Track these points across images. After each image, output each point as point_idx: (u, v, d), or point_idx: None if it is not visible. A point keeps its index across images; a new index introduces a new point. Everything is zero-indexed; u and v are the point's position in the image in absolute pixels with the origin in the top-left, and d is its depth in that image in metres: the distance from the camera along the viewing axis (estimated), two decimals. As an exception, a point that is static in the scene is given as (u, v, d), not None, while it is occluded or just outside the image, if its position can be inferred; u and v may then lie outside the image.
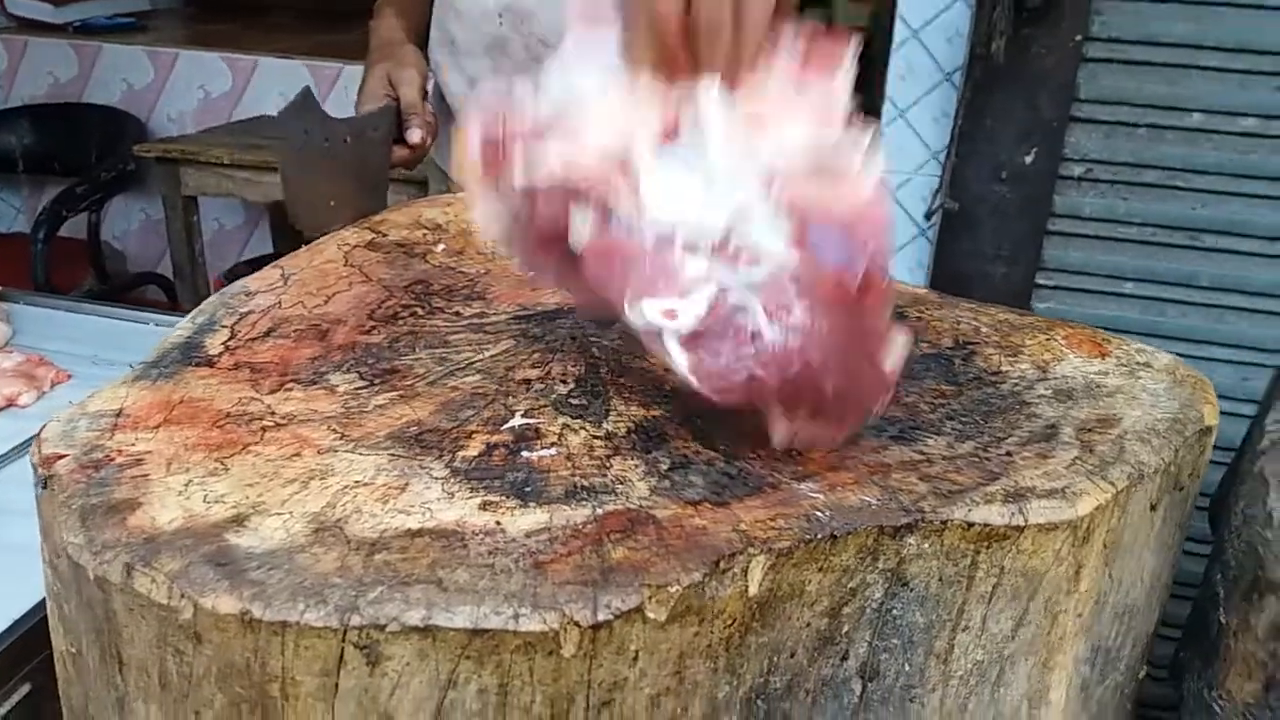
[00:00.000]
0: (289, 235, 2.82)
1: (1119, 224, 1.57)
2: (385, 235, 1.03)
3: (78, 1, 2.88)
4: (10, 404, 1.09)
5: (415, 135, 1.10)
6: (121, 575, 0.53)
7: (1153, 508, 0.71)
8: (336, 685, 0.52)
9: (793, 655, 0.61)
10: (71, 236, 2.63)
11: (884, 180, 0.57)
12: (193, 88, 2.77)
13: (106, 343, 1.24)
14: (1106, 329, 1.55)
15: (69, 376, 1.15)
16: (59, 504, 0.59)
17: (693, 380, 0.59)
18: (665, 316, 0.56)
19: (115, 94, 2.82)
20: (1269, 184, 1.50)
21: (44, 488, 0.62)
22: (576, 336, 0.82)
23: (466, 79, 1.31)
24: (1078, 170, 1.56)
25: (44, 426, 0.68)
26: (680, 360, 0.59)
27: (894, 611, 0.63)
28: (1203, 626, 0.82)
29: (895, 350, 0.59)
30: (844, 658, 0.63)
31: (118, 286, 2.69)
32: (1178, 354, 1.59)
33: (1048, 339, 0.85)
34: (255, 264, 2.68)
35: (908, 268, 1.73)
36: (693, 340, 0.56)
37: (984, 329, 0.87)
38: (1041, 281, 1.62)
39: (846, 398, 0.60)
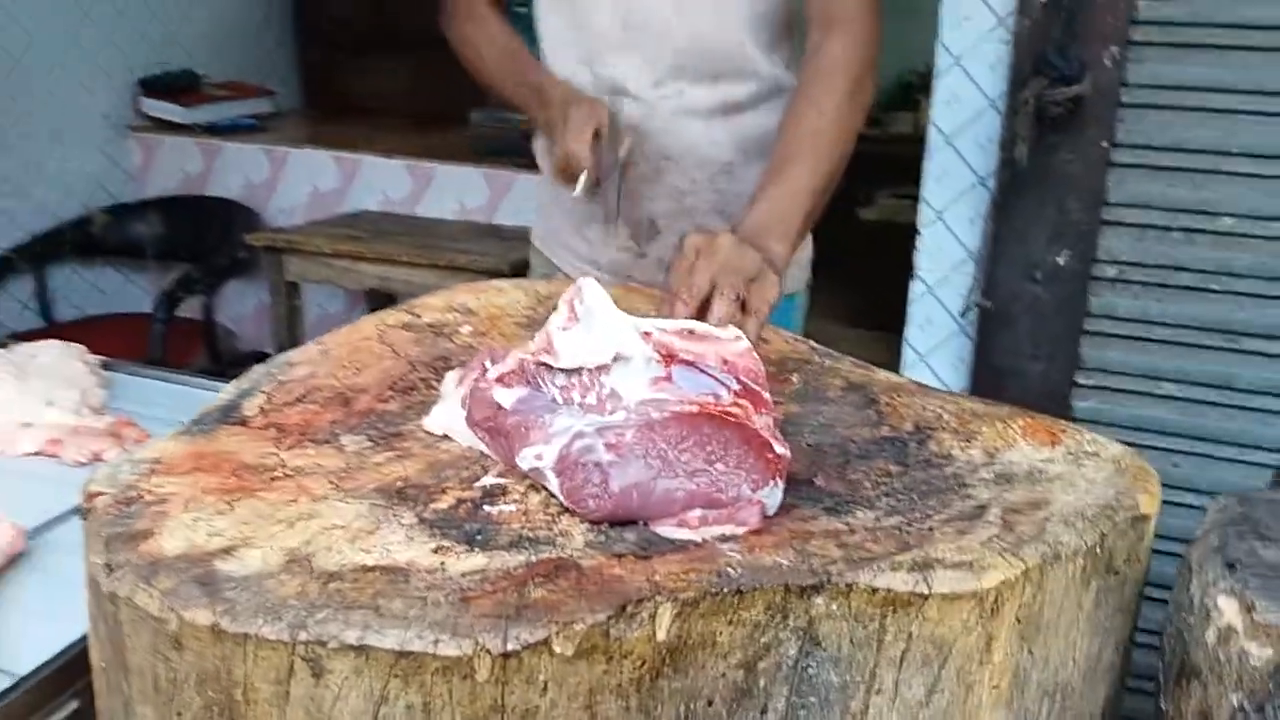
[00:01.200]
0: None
1: (1155, 325, 1.59)
2: (419, 317, 1.14)
3: (206, 104, 3.19)
4: (96, 458, 1.24)
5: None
6: (127, 590, 0.64)
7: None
8: (288, 693, 0.60)
9: (710, 704, 0.67)
10: (190, 318, 2.86)
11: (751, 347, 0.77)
12: (303, 183, 3.02)
13: (188, 408, 1.38)
14: (1147, 430, 1.57)
15: (149, 435, 1.29)
16: (92, 533, 0.71)
17: (567, 503, 0.73)
18: (535, 458, 0.75)
19: (235, 188, 3.09)
20: (1306, 288, 1.51)
21: (84, 519, 0.73)
22: (565, 411, 0.91)
23: None
24: (1111, 272, 1.59)
25: (97, 470, 0.80)
26: (555, 487, 0.74)
27: (809, 670, 0.69)
28: (1155, 714, 0.84)
29: (780, 440, 0.74)
30: (763, 711, 0.69)
31: (227, 364, 2.91)
32: (1223, 458, 1.59)
33: (1005, 426, 0.90)
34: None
35: (950, 363, 1.77)
36: (559, 473, 0.73)
37: (946, 415, 0.92)
38: (1081, 381, 1.65)
39: (726, 484, 0.73)
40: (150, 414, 1.43)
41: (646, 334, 0.76)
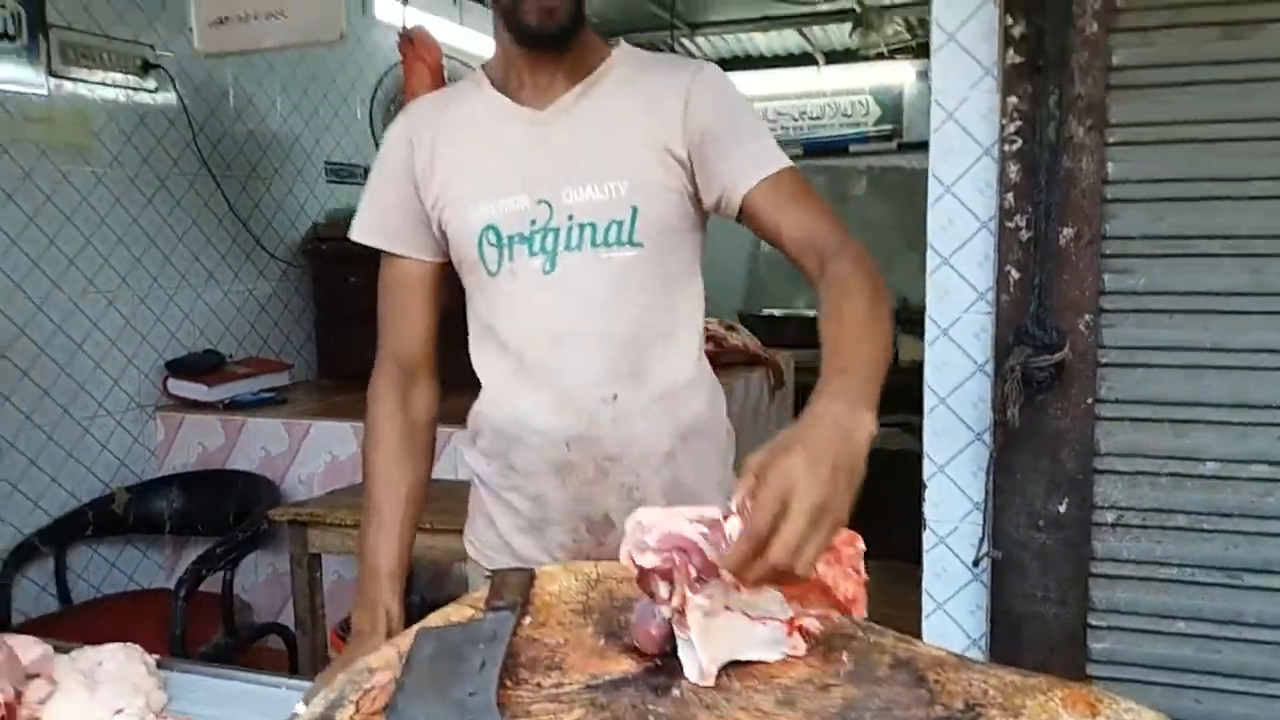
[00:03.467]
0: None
1: (1158, 565, 1.68)
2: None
3: (228, 382, 3.36)
4: (164, 765, 1.28)
5: None
6: None
7: None
8: None
9: None
10: (205, 591, 2.90)
11: None
12: (321, 453, 3.15)
13: (245, 705, 1.42)
14: (1164, 669, 1.63)
15: (213, 739, 1.33)
16: None
17: None
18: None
19: (255, 460, 3.21)
20: (1292, 523, 1.62)
21: None
22: (636, 705, 0.98)
23: (530, 498, 1.42)
24: (1110, 517, 1.70)
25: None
26: None
27: None
28: None
29: None
30: None
31: (244, 639, 2.92)
32: (1240, 692, 1.65)
33: (1046, 700, 0.97)
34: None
35: (967, 610, 1.84)
36: None
37: (991, 690, 1.00)
38: (1094, 623, 1.72)
39: None
40: (208, 714, 1.47)
41: None
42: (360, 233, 1.45)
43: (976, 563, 1.76)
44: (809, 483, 0.90)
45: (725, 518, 0.94)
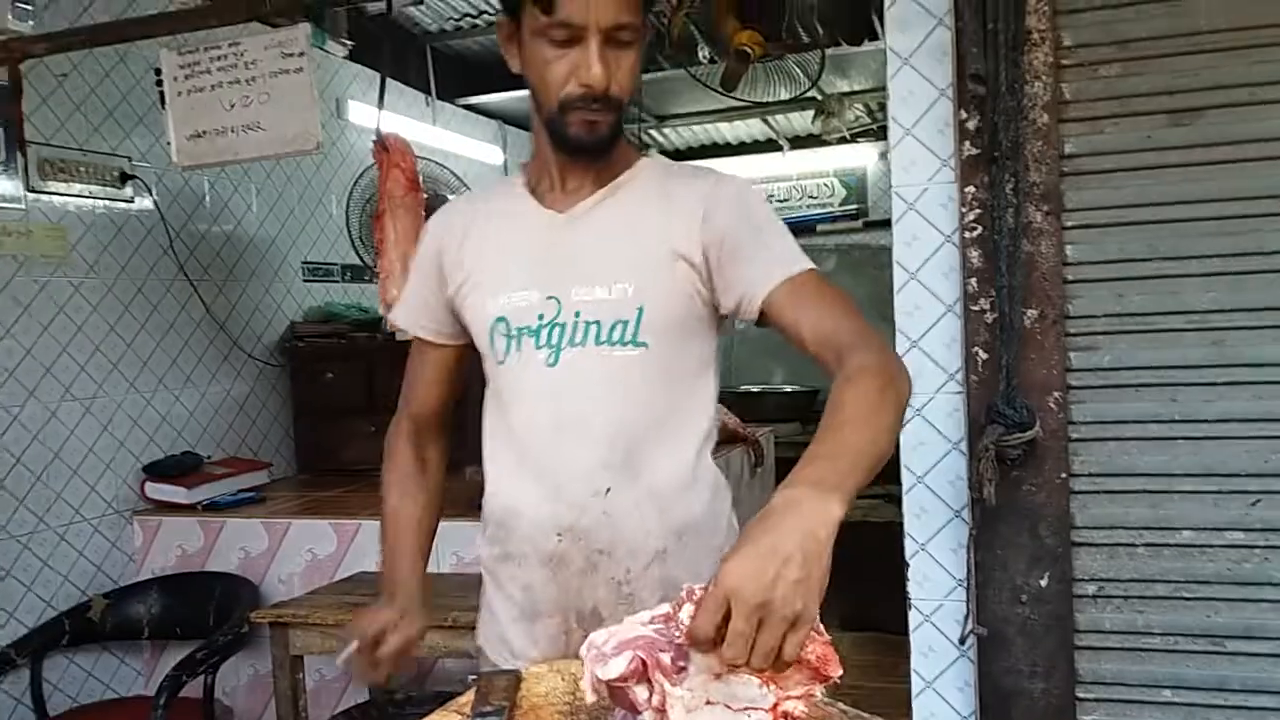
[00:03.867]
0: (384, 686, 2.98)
1: (1141, 635, 1.70)
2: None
3: (207, 483, 3.33)
4: None
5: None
6: None
7: None
8: None
9: None
10: (185, 696, 2.83)
11: None
12: (301, 551, 3.12)
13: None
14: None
15: None
16: None
17: None
18: None
19: (234, 561, 3.17)
20: (1271, 589, 1.64)
21: None
22: (631, 806, 0.98)
23: (522, 587, 1.43)
24: (1090, 589, 1.72)
25: None
26: None
27: None
28: None
29: None
30: None
31: (225, 746, 2.85)
32: (1230, 760, 1.64)
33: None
34: (350, 714, 2.85)
35: (956, 688, 1.84)
36: None
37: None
38: (1082, 695, 1.72)
39: None
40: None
41: None
42: (395, 314, 1.61)
43: (963, 640, 1.77)
44: (751, 585, 0.89)
45: (679, 606, 0.94)
